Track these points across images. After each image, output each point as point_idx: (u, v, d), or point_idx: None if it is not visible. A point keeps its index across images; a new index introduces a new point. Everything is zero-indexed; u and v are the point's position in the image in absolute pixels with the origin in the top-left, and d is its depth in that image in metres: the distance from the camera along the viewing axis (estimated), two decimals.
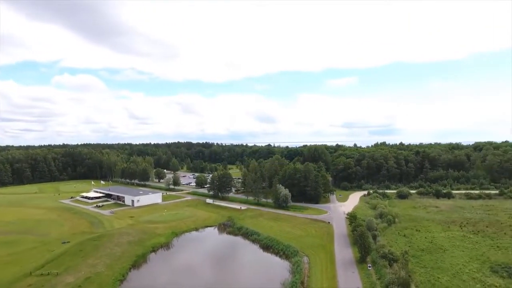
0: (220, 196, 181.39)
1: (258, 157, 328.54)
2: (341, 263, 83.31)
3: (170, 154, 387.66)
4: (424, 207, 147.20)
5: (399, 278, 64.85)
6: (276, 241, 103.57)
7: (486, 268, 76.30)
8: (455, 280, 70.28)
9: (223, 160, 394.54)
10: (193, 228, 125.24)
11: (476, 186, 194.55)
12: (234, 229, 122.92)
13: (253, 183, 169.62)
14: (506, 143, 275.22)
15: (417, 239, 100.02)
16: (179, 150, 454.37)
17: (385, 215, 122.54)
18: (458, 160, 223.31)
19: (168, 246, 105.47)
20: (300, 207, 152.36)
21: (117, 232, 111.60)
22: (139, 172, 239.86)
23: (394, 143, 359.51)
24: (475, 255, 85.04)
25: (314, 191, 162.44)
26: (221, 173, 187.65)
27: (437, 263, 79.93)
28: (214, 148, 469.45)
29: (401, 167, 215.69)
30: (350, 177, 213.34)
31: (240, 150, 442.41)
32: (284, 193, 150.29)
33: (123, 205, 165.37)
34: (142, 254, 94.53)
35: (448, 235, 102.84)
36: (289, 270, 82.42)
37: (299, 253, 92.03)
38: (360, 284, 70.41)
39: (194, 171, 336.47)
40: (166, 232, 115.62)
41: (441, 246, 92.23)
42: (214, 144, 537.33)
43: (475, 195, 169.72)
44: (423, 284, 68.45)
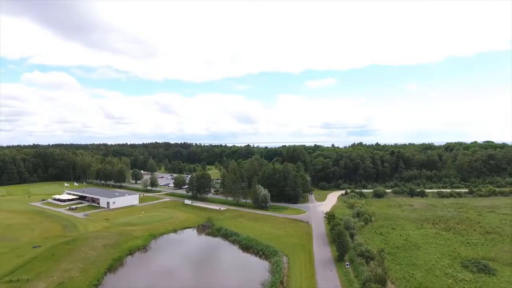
0: (199, 197, 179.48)
1: (237, 157, 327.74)
2: (320, 262, 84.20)
3: (147, 155, 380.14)
4: (399, 205, 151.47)
5: (375, 275, 66.29)
6: (255, 241, 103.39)
7: (457, 263, 79.26)
8: (428, 276, 72.59)
9: (202, 161, 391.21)
10: (171, 230, 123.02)
11: (447, 185, 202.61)
12: (214, 230, 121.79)
13: (232, 184, 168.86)
14: (475, 143, 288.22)
15: (393, 237, 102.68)
16: (157, 151, 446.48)
17: (362, 214, 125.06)
18: (431, 160, 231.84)
19: (145, 249, 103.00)
20: (280, 207, 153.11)
21: (92, 235, 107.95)
22: (115, 173, 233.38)
23: (370, 144, 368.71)
24: (447, 251, 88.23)
25: (293, 191, 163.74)
26: (200, 174, 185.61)
27: (411, 260, 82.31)
28: (193, 149, 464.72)
29: (377, 167, 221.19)
30: (328, 177, 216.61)
31: (219, 150, 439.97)
32: (264, 194, 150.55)
33: (98, 207, 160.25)
34: (118, 257, 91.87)
35: (422, 233, 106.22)
36: (268, 270, 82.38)
37: (279, 253, 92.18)
38: (338, 282, 71.36)
39: (172, 172, 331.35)
40: (144, 235, 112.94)
41: (415, 243, 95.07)
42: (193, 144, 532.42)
43: (447, 193, 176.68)
44: (399, 281, 70.25)
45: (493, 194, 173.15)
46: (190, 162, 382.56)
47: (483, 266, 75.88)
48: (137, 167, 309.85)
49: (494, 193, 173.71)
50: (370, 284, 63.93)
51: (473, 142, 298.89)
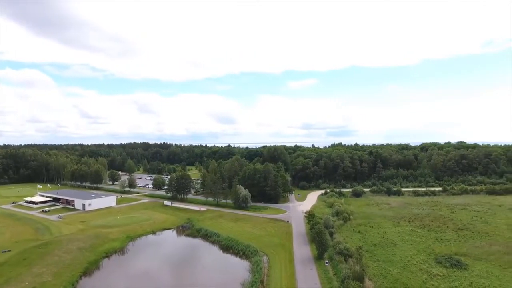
0: (179, 198, 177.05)
1: (218, 157, 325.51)
2: (300, 261, 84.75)
3: (125, 155, 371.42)
4: (377, 204, 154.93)
5: (354, 273, 67.38)
6: (236, 241, 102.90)
7: (432, 259, 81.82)
8: (404, 272, 74.52)
9: (182, 161, 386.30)
10: (150, 232, 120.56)
11: (422, 184, 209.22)
12: (193, 231, 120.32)
13: (212, 184, 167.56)
14: (449, 144, 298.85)
15: (371, 235, 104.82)
16: (135, 151, 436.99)
17: (341, 213, 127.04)
18: (407, 160, 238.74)
19: (123, 251, 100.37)
20: (260, 207, 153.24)
21: (66, 238, 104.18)
22: (91, 174, 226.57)
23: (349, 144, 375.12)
24: (422, 248, 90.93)
25: (274, 191, 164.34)
26: (179, 174, 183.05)
27: (388, 257, 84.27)
28: (172, 149, 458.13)
29: (356, 167, 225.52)
30: (308, 177, 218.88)
31: (200, 151, 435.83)
32: (244, 194, 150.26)
33: (73, 209, 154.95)
34: (94, 260, 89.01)
35: (398, 230, 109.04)
36: (249, 269, 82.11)
37: (259, 252, 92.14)
38: (317, 280, 72.04)
39: (151, 172, 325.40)
40: (121, 237, 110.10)
41: (392, 241, 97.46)
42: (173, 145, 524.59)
43: (422, 192, 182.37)
44: (376, 277, 71.70)
45: (465, 192, 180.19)
46: (170, 163, 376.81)
47: (456, 261, 78.73)
48: (115, 168, 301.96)
49: (466, 192, 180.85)
50: (349, 281, 64.87)
51: (446, 143, 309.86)
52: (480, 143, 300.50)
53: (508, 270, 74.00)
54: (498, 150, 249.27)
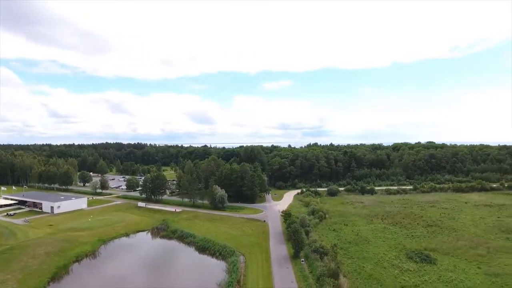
0: (154, 199, 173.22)
1: (194, 158, 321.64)
2: (276, 260, 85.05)
3: (97, 156, 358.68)
4: (351, 203, 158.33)
5: (329, 270, 68.38)
6: (212, 242, 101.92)
7: (403, 255, 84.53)
8: (377, 267, 76.52)
9: (156, 162, 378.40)
10: (123, 234, 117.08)
11: (394, 182, 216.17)
12: (169, 232, 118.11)
13: (188, 185, 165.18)
14: (419, 144, 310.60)
15: (345, 233, 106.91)
16: (107, 152, 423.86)
17: (317, 212, 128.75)
18: (380, 160, 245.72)
19: (94, 255, 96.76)
20: (237, 207, 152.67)
21: (33, 243, 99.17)
22: (60, 176, 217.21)
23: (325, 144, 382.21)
24: (393, 244, 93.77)
25: (250, 191, 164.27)
26: (154, 175, 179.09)
27: (362, 254, 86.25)
28: (147, 149, 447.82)
29: (331, 166, 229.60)
30: (284, 177, 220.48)
31: (175, 151, 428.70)
32: (221, 194, 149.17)
33: (40, 212, 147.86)
34: (64, 265, 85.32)
35: (372, 228, 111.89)
36: (225, 270, 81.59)
37: (236, 252, 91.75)
38: (294, 278, 72.54)
39: (124, 173, 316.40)
40: (92, 240, 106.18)
41: (365, 238, 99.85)
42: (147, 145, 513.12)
43: (394, 190, 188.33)
44: (350, 273, 73.17)
45: (434, 190, 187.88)
46: (144, 163, 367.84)
47: (425, 256, 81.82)
48: (86, 168, 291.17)
49: (435, 189, 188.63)
50: (324, 279, 65.82)
51: (417, 143, 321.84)
52: (447, 143, 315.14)
53: (473, 264, 77.68)
54: (464, 150, 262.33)
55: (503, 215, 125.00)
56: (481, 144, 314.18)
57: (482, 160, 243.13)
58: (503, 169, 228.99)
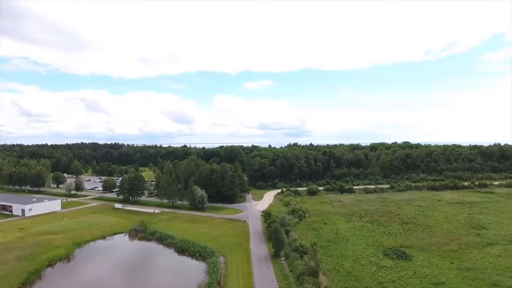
0: (131, 200, 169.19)
1: (173, 158, 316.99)
2: (257, 260, 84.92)
3: (71, 156, 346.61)
4: (330, 202, 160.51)
5: (309, 268, 68.90)
6: (192, 243, 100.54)
7: (380, 252, 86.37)
8: (356, 265, 77.81)
9: (134, 162, 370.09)
10: (99, 237, 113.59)
11: (372, 181, 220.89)
12: (147, 234, 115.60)
13: (167, 185, 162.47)
14: (395, 144, 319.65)
15: (325, 231, 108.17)
16: (83, 152, 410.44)
17: (296, 211, 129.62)
18: (358, 159, 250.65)
19: (68, 259, 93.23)
20: (217, 207, 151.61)
21: (2, 248, 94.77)
22: (32, 177, 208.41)
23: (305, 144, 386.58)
24: (371, 241, 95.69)
25: (231, 191, 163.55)
26: (132, 176, 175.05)
27: (341, 252, 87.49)
28: (124, 149, 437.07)
29: (311, 166, 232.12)
30: (265, 177, 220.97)
31: (154, 151, 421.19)
32: (201, 194, 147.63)
33: (10, 215, 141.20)
34: (36, 270, 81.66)
35: (350, 226, 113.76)
36: (205, 271, 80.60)
37: (216, 253, 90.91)
38: (274, 277, 72.62)
39: (101, 174, 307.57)
40: (66, 243, 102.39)
41: (344, 236, 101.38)
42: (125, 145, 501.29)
43: (371, 189, 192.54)
44: (330, 271, 74.01)
45: (409, 188, 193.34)
46: (122, 164, 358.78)
47: (401, 253, 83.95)
48: (60, 170, 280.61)
49: (410, 188, 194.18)
50: (304, 277, 66.32)
51: (393, 143, 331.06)
52: (422, 144, 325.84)
53: (447, 259, 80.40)
54: (438, 149, 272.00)
55: (473, 212, 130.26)
56: (453, 144, 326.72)
57: (454, 160, 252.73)
58: (473, 168, 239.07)
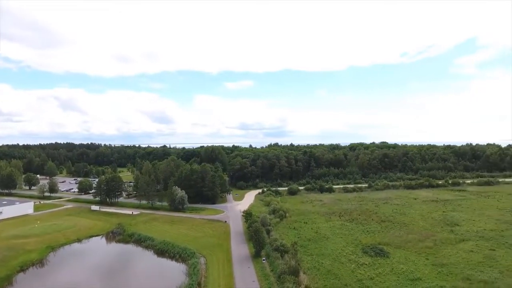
0: (108, 202, 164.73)
1: (152, 158, 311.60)
2: (238, 260, 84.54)
3: (45, 157, 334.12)
4: (311, 201, 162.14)
5: (289, 268, 69.24)
6: (172, 244, 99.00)
7: (359, 250, 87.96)
8: (335, 263, 78.87)
9: (112, 163, 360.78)
10: (74, 240, 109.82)
11: (351, 181, 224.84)
12: (125, 236, 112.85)
13: (146, 186, 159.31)
14: (373, 144, 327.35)
15: (305, 231, 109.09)
16: (57, 152, 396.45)
17: (277, 211, 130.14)
18: (338, 159, 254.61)
19: (42, 263, 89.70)
20: (197, 208, 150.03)
21: None
22: (2, 179, 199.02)
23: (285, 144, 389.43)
24: (350, 240, 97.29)
25: (211, 192, 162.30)
26: (109, 177, 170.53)
27: (321, 250, 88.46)
28: (101, 150, 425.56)
29: (292, 166, 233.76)
30: (246, 177, 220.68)
31: (132, 151, 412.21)
32: (181, 195, 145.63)
33: None
34: (6, 276, 78.23)
35: (330, 225, 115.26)
36: (185, 273, 79.44)
37: (196, 254, 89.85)
38: (255, 277, 72.49)
39: (76, 175, 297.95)
40: (39, 247, 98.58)
41: (324, 235, 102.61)
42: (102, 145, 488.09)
43: (351, 188, 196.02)
44: (310, 270, 74.67)
45: (387, 187, 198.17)
46: (98, 165, 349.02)
47: (379, 250, 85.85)
48: (32, 171, 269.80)
49: (388, 187, 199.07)
50: (285, 276, 66.57)
51: (371, 143, 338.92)
52: (399, 143, 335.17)
53: (422, 255, 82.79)
54: (414, 149, 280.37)
55: (447, 209, 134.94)
56: (428, 144, 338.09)
57: (429, 159, 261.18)
58: (447, 167, 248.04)
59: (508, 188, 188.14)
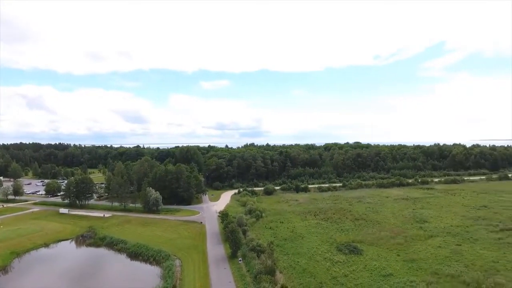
0: (78, 205, 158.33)
1: (125, 159, 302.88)
2: (214, 261, 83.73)
3: (9, 158, 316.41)
4: (287, 201, 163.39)
5: (266, 267, 69.39)
6: (145, 247, 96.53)
7: (334, 248, 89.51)
8: (311, 261, 79.80)
9: (82, 164, 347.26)
10: (41, 245, 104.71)
11: (326, 180, 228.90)
12: (96, 239, 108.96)
13: (119, 188, 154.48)
14: (347, 144, 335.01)
15: (281, 230, 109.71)
16: (22, 153, 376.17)
17: (253, 211, 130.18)
18: (313, 159, 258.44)
19: (5, 270, 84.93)
20: (172, 209, 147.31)
21: None
22: None
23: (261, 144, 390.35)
24: (325, 238, 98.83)
25: (187, 193, 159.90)
26: (79, 178, 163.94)
27: (297, 249, 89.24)
28: (70, 150, 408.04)
29: (268, 166, 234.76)
30: (222, 177, 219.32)
31: (104, 152, 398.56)
32: (155, 196, 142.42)
33: None
34: None
35: (306, 224, 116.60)
36: (160, 275, 77.70)
37: (171, 256, 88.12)
38: (231, 278, 71.99)
39: (43, 177, 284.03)
40: (3, 253, 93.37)
41: (300, 234, 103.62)
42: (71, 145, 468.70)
43: (325, 188, 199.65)
44: (286, 269, 75.05)
45: (360, 186, 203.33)
46: (67, 166, 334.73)
47: (353, 248, 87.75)
48: None
49: (361, 186, 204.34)
50: (261, 276, 66.63)
51: (345, 143, 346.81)
52: (372, 144, 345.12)
53: (394, 252, 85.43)
54: (386, 149, 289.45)
55: (417, 207, 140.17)
56: (399, 144, 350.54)
57: (400, 159, 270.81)
58: (417, 166, 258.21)
59: (473, 186, 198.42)
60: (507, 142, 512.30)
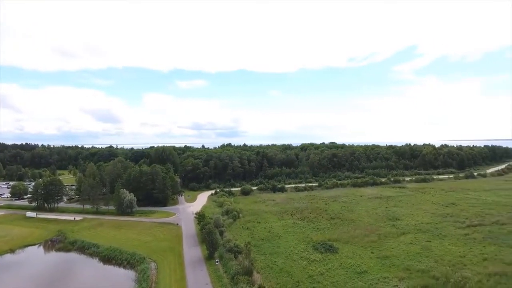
0: (47, 208, 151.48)
1: (97, 160, 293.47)
2: (190, 263, 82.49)
3: None
4: (264, 201, 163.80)
5: (243, 268, 69.16)
6: (119, 250, 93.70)
7: (310, 247, 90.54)
8: (288, 261, 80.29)
9: (51, 165, 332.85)
10: (6, 250, 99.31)
11: (302, 180, 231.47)
12: (66, 244, 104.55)
13: (90, 190, 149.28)
14: (323, 144, 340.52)
15: (258, 230, 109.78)
16: None
17: (230, 212, 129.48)
18: (290, 159, 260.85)
19: None
20: (147, 211, 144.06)
21: None
22: None
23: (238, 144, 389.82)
24: (302, 237, 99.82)
25: (162, 194, 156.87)
26: (48, 180, 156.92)
27: (274, 249, 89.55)
28: (38, 150, 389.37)
29: (245, 166, 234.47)
30: (198, 178, 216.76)
31: (75, 152, 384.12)
32: (129, 198, 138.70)
33: None
34: None
35: (283, 224, 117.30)
36: (134, 279, 75.62)
37: (146, 259, 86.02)
38: (208, 280, 71.17)
39: (8, 179, 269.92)
40: None
41: (277, 234, 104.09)
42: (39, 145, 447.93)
43: (302, 187, 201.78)
44: (263, 269, 75.11)
45: (336, 186, 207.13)
46: (35, 167, 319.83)
47: (329, 246, 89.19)
48: None
49: (337, 185, 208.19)
50: (238, 277, 66.31)
51: (321, 143, 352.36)
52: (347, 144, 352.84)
53: (368, 249, 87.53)
54: (360, 149, 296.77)
55: (390, 205, 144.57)
56: (373, 144, 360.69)
57: (374, 158, 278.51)
58: (389, 166, 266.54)
59: (441, 184, 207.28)
60: (472, 142, 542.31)
